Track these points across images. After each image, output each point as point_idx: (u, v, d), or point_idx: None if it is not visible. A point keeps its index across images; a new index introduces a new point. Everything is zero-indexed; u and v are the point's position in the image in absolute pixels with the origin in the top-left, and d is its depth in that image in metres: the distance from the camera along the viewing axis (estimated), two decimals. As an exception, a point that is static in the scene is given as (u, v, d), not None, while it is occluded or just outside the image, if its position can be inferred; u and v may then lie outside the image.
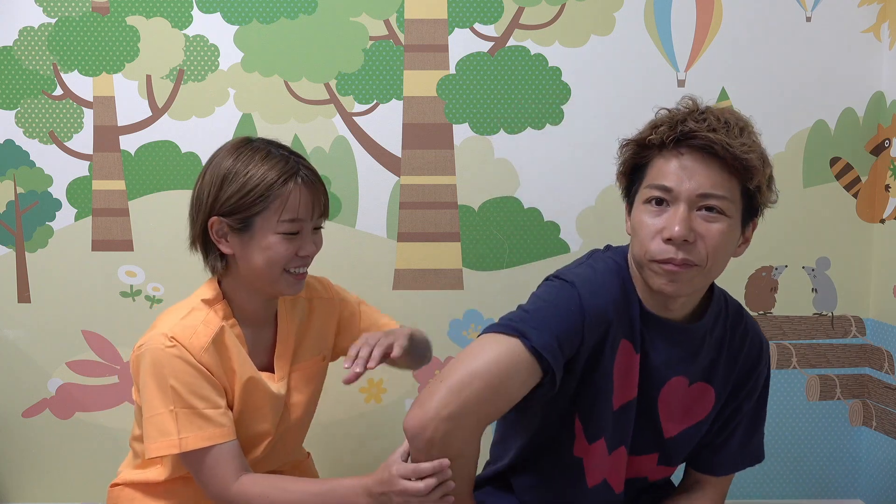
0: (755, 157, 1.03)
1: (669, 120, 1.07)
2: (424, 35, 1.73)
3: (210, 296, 1.23)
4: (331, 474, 1.81)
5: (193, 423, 1.15)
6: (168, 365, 1.15)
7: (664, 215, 1.06)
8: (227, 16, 1.72)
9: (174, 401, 1.15)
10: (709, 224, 1.05)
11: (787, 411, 1.83)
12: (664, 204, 1.06)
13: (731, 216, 1.06)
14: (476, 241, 1.79)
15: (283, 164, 1.18)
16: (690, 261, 1.04)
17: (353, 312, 1.42)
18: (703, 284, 1.11)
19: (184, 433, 1.15)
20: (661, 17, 1.74)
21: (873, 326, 1.81)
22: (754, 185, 1.06)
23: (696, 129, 1.03)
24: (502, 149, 1.76)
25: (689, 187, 1.04)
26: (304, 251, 1.21)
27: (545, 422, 1.19)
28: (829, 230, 1.79)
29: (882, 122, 1.76)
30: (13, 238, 1.77)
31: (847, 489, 1.86)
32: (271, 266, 1.19)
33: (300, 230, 1.20)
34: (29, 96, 1.73)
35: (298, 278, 1.23)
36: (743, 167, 1.03)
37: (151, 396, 1.16)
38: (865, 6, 1.74)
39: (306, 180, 1.20)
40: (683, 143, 1.05)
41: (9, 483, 1.83)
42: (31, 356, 1.80)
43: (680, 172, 1.04)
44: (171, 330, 1.17)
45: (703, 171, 1.04)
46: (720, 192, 1.04)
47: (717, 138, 1.02)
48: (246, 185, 1.17)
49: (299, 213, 1.19)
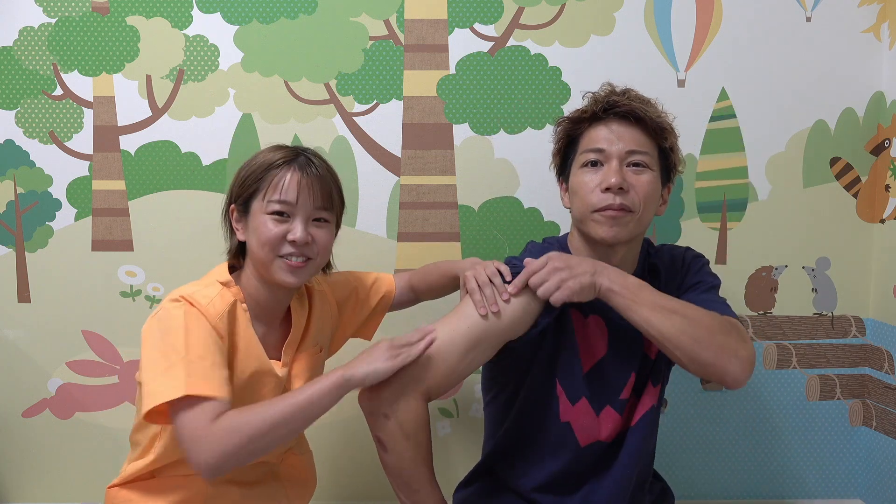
0: (665, 121, 1.28)
1: (595, 97, 1.31)
2: (424, 35, 1.73)
3: (224, 279, 1.26)
4: (331, 474, 1.81)
5: (205, 372, 1.13)
6: (187, 318, 1.16)
7: (600, 172, 1.27)
8: (227, 16, 1.72)
9: (186, 349, 1.13)
10: (638, 175, 1.26)
11: (787, 411, 1.83)
12: (598, 164, 1.27)
13: (654, 169, 1.28)
14: (476, 241, 1.79)
15: (287, 152, 1.25)
16: (626, 206, 1.24)
17: (348, 293, 1.46)
18: (637, 231, 1.28)
19: (193, 378, 1.11)
20: (661, 17, 1.74)
21: (873, 326, 1.81)
22: (668, 144, 1.29)
23: (619, 100, 1.27)
24: (502, 149, 1.76)
25: (619, 147, 1.26)
26: (293, 235, 1.21)
27: (526, 396, 1.32)
28: (829, 230, 1.79)
29: (882, 122, 1.76)
30: (13, 238, 1.77)
31: (847, 489, 1.86)
32: (262, 247, 1.22)
33: (290, 213, 1.22)
34: (29, 96, 1.73)
35: (291, 266, 1.23)
36: (659, 128, 1.27)
37: (164, 344, 1.14)
38: (865, 6, 1.74)
39: (304, 167, 1.23)
40: (610, 113, 1.28)
41: (9, 483, 1.83)
42: (31, 356, 1.80)
43: (610, 135, 1.27)
44: (189, 294, 1.19)
45: (628, 134, 1.27)
46: (644, 148, 1.27)
47: (637, 105, 1.26)
48: (251, 168, 1.25)
49: (287, 195, 1.21)
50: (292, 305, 1.34)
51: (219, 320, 1.19)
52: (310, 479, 1.47)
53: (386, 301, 1.50)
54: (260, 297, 1.28)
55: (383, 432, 1.21)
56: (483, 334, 1.22)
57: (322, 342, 1.39)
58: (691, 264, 1.39)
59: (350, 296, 1.46)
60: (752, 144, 1.77)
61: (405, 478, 1.22)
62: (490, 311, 1.22)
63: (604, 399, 1.32)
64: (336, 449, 1.83)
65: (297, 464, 1.44)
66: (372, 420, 1.23)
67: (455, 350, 1.22)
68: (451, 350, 1.21)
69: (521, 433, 1.35)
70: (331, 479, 1.82)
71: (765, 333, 1.82)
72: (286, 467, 1.42)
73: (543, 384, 1.31)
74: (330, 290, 1.43)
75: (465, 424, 1.84)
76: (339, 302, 1.44)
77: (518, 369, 1.32)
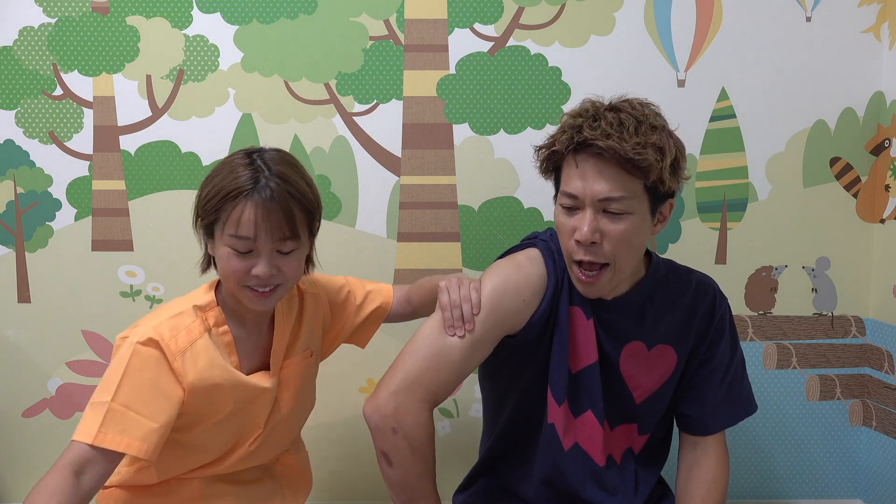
0: (649, 153, 1.10)
1: (569, 128, 1.15)
2: (424, 35, 1.73)
3: (203, 302, 1.23)
4: (329, 474, 1.81)
5: (120, 423, 1.12)
6: (132, 360, 1.14)
7: (575, 216, 1.17)
8: (227, 16, 1.72)
9: (118, 395, 1.12)
10: (613, 224, 1.14)
11: (787, 411, 1.83)
12: (574, 209, 1.17)
13: (635, 212, 1.15)
14: (476, 241, 1.79)
15: (246, 179, 1.14)
16: (596, 263, 1.16)
17: (343, 298, 1.43)
18: (620, 278, 1.21)
19: (105, 428, 1.12)
20: (661, 17, 1.73)
21: (873, 326, 1.81)
22: (651, 181, 1.13)
23: (590, 137, 1.11)
24: (502, 149, 1.76)
25: (592, 193, 1.13)
26: (257, 270, 1.16)
27: (520, 395, 1.29)
28: (829, 230, 1.79)
29: (882, 122, 1.76)
30: (13, 238, 1.77)
31: (847, 489, 1.86)
32: (227, 279, 1.19)
33: (251, 249, 1.15)
34: (29, 96, 1.73)
35: (259, 296, 1.19)
36: (637, 167, 1.11)
37: (105, 381, 1.15)
38: (865, 6, 1.74)
39: (264, 201, 1.13)
40: (581, 151, 1.14)
41: (9, 483, 1.83)
42: (31, 356, 1.80)
43: (582, 180, 1.14)
44: (154, 329, 1.17)
45: (602, 176, 1.12)
46: (620, 193, 1.13)
47: (608, 145, 1.09)
48: (210, 191, 1.17)
49: (243, 231, 1.14)
50: (277, 311, 1.30)
51: (179, 356, 1.17)
52: (306, 478, 1.47)
53: (381, 311, 1.46)
54: (241, 308, 1.25)
55: (390, 447, 1.18)
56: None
57: (313, 346, 1.38)
58: (719, 300, 1.32)
59: (345, 301, 1.43)
60: (752, 144, 1.76)
61: (408, 493, 1.20)
62: (457, 333, 1.19)
63: (585, 404, 1.28)
64: (334, 449, 1.83)
65: (292, 463, 1.43)
66: (378, 435, 1.18)
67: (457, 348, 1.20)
68: (452, 350, 1.20)
69: (515, 432, 1.34)
70: (328, 480, 1.82)
71: (765, 333, 1.82)
72: (282, 467, 1.41)
73: (536, 383, 1.28)
74: (324, 292, 1.41)
75: (465, 424, 1.84)
76: (332, 304, 1.42)
77: (514, 365, 1.29)
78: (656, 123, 1.14)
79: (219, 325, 1.23)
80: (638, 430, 1.33)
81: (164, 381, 1.16)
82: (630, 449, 1.34)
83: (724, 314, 1.33)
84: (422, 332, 1.23)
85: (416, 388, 1.18)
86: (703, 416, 1.33)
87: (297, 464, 1.44)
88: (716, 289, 1.33)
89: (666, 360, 1.30)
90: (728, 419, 1.34)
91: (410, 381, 1.18)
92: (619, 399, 1.29)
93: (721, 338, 1.32)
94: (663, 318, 1.28)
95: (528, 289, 1.23)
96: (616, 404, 1.29)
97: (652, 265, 1.29)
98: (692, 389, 1.33)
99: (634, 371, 1.29)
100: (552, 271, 1.25)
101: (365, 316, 1.45)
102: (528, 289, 1.24)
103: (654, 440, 1.37)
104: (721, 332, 1.32)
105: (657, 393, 1.31)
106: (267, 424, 1.30)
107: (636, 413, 1.31)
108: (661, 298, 1.29)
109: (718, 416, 1.33)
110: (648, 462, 1.37)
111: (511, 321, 1.23)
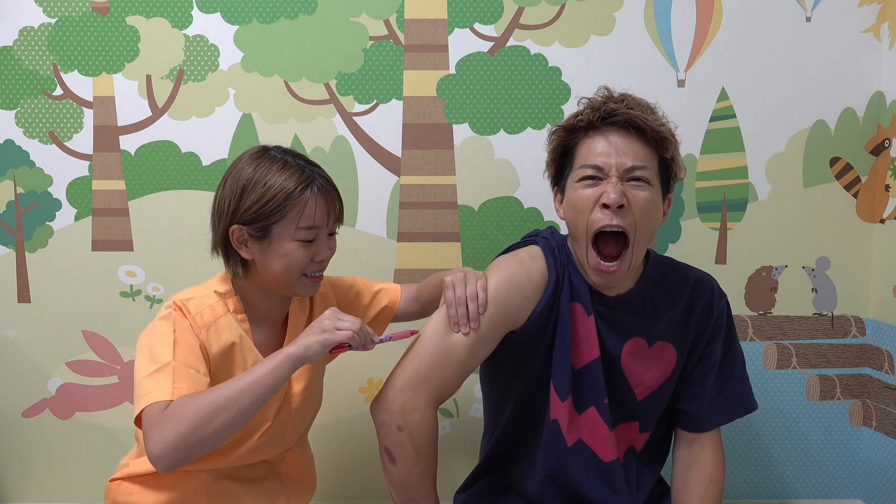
0: (666, 130, 1.21)
1: (592, 105, 1.22)
2: (424, 35, 1.73)
3: (223, 289, 1.29)
4: (331, 474, 1.81)
5: (191, 378, 1.17)
6: (176, 326, 1.21)
7: (598, 186, 1.19)
8: (227, 16, 1.72)
9: (177, 355, 1.18)
10: (637, 192, 1.19)
11: (787, 411, 1.83)
12: (597, 179, 1.20)
13: (654, 184, 1.21)
14: (476, 241, 1.79)
15: (300, 174, 1.23)
16: (620, 233, 1.19)
17: (352, 298, 1.46)
18: (636, 263, 1.24)
19: (178, 383, 1.16)
20: (661, 17, 1.74)
21: (873, 326, 1.81)
22: (669, 154, 1.21)
23: (617, 108, 1.19)
24: (502, 149, 1.76)
25: (618, 162, 1.18)
26: (320, 256, 1.26)
27: (522, 391, 1.30)
28: (829, 230, 1.79)
29: (882, 122, 1.76)
30: (13, 238, 1.77)
31: (847, 489, 1.86)
32: (289, 271, 1.25)
33: (316, 237, 1.25)
34: (29, 96, 1.73)
35: (315, 280, 1.28)
36: (660, 138, 1.20)
37: (154, 351, 1.19)
38: (865, 6, 1.74)
39: (322, 189, 1.24)
40: (608, 121, 1.20)
41: (9, 483, 1.83)
42: (31, 356, 1.80)
43: (608, 149, 1.19)
44: (182, 301, 1.25)
45: (628, 146, 1.19)
46: (644, 162, 1.19)
47: (637, 115, 1.18)
48: (265, 194, 1.22)
49: (316, 220, 1.24)
50: (292, 309, 1.35)
51: (203, 330, 1.23)
52: (310, 479, 1.47)
53: (389, 311, 1.50)
54: (262, 305, 1.31)
55: (394, 444, 1.20)
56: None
57: None
58: (717, 296, 1.33)
59: (353, 300, 1.47)
60: (752, 144, 1.77)
61: (409, 491, 1.21)
62: (462, 331, 1.21)
63: (589, 399, 1.29)
64: (336, 449, 1.83)
65: (297, 463, 1.44)
66: (383, 432, 1.21)
67: (462, 346, 1.21)
68: (457, 347, 1.21)
69: (517, 429, 1.34)
70: (331, 480, 1.82)
71: (765, 333, 1.82)
72: (287, 466, 1.42)
73: (538, 379, 1.29)
74: (333, 291, 1.44)
75: (465, 424, 1.84)
76: (341, 304, 1.45)
77: (515, 362, 1.30)
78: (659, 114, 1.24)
79: (238, 313, 1.29)
80: (639, 427, 1.34)
81: (199, 348, 1.22)
82: (632, 447, 1.35)
83: (722, 310, 1.34)
84: (427, 329, 1.25)
85: (423, 386, 1.20)
86: (699, 411, 1.34)
87: (301, 464, 1.45)
88: (714, 285, 1.34)
89: (666, 357, 1.31)
90: (725, 415, 1.35)
91: (418, 379, 1.20)
92: (620, 396, 1.30)
93: (719, 334, 1.33)
94: (663, 315, 1.30)
95: (530, 285, 1.25)
96: (618, 401, 1.30)
97: (650, 262, 1.31)
98: (690, 385, 1.34)
99: (635, 368, 1.30)
100: (553, 268, 1.26)
101: (372, 316, 1.48)
102: (531, 285, 1.25)
103: (655, 439, 1.37)
104: (719, 329, 1.33)
105: (658, 390, 1.32)
106: (276, 418, 1.31)
107: (637, 410, 1.32)
108: (660, 295, 1.30)
109: (714, 412, 1.34)
110: (649, 461, 1.38)
111: (514, 317, 1.25)
